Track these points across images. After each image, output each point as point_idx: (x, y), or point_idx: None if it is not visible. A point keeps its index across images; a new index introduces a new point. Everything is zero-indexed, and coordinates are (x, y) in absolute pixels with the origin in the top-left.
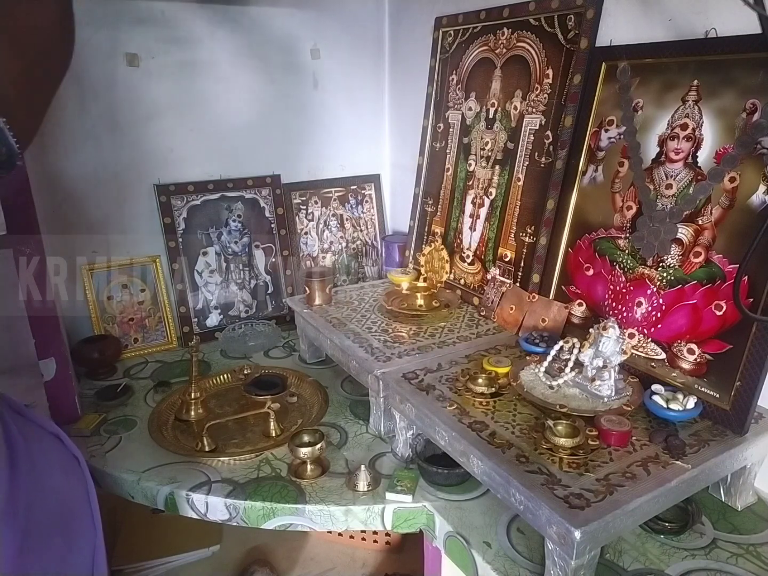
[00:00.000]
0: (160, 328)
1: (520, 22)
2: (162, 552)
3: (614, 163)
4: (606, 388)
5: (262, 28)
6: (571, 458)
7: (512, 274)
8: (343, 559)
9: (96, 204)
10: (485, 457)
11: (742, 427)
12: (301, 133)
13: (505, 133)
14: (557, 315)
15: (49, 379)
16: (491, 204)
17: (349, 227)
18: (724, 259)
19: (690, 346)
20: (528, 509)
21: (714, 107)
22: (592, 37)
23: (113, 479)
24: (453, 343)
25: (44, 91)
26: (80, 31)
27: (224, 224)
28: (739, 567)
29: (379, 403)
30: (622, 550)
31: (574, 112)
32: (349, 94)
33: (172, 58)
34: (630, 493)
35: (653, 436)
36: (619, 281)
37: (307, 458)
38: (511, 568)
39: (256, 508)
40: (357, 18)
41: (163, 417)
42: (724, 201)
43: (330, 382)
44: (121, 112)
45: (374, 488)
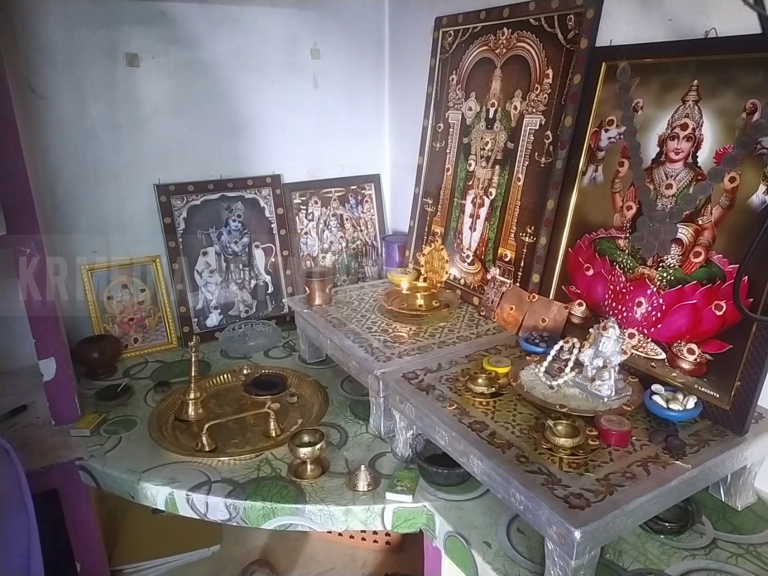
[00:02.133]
0: (160, 328)
1: (520, 22)
2: (162, 552)
3: (614, 163)
4: (606, 388)
5: (262, 28)
6: (571, 458)
7: (512, 274)
8: (343, 559)
9: (96, 204)
10: (485, 457)
11: (742, 427)
12: (301, 133)
13: (505, 133)
14: (557, 315)
15: (49, 379)
16: (491, 204)
17: (349, 227)
18: (724, 259)
19: (690, 346)
20: (528, 509)
21: (714, 107)
22: (592, 37)
23: (113, 479)
24: (453, 343)
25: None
26: (80, 31)
27: (224, 224)
28: (739, 567)
29: (379, 403)
30: (622, 550)
31: (574, 112)
32: (349, 94)
33: (172, 58)
34: (630, 493)
35: (653, 436)
36: (619, 281)
37: (307, 458)
38: (511, 568)
39: (256, 508)
40: (357, 18)
41: (163, 417)
42: (724, 201)
43: (330, 382)
44: (121, 112)
45: (374, 488)
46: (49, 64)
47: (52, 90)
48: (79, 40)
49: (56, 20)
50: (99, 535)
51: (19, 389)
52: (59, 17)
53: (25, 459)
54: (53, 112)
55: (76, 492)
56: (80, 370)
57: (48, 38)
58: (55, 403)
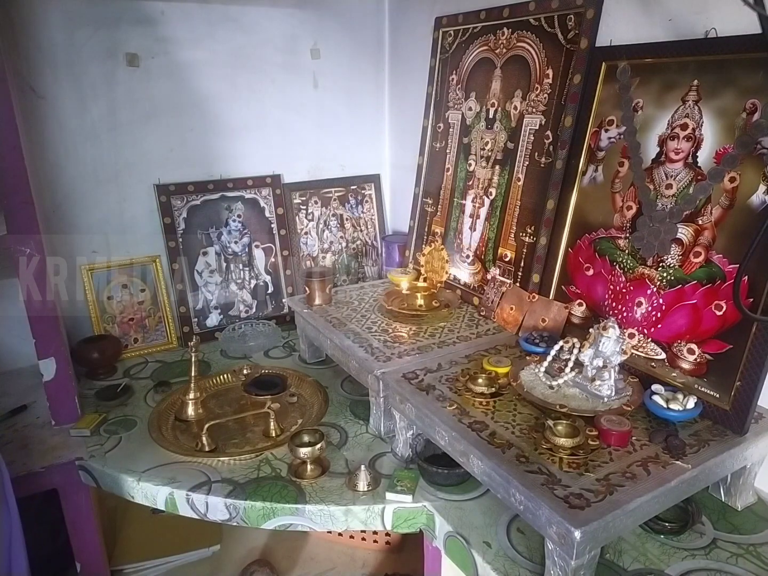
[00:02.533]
0: (160, 328)
1: (520, 22)
2: (162, 552)
3: (614, 163)
4: (606, 388)
5: (262, 28)
6: (571, 458)
7: (512, 274)
8: (343, 559)
9: (96, 204)
10: (485, 457)
11: (742, 427)
12: (301, 133)
13: (505, 133)
14: (557, 315)
15: (49, 379)
16: (491, 204)
17: (349, 227)
18: (724, 259)
19: (690, 346)
20: (528, 509)
21: (714, 107)
22: (592, 37)
23: (113, 479)
24: (453, 343)
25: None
26: (80, 31)
27: (224, 224)
28: (739, 567)
29: (379, 403)
30: (622, 550)
31: (574, 112)
32: (349, 94)
33: (172, 58)
34: (630, 493)
35: (653, 436)
36: (619, 281)
37: (307, 458)
38: (511, 568)
39: (256, 508)
40: (357, 18)
41: (163, 417)
42: (724, 201)
43: (330, 382)
44: (121, 112)
45: (374, 488)
46: (49, 64)
47: (52, 90)
48: (79, 40)
49: (56, 20)
50: (99, 535)
51: (19, 389)
52: (59, 17)
53: (25, 459)
54: (53, 112)
55: (76, 492)
56: (80, 370)
57: (48, 38)
58: (55, 403)
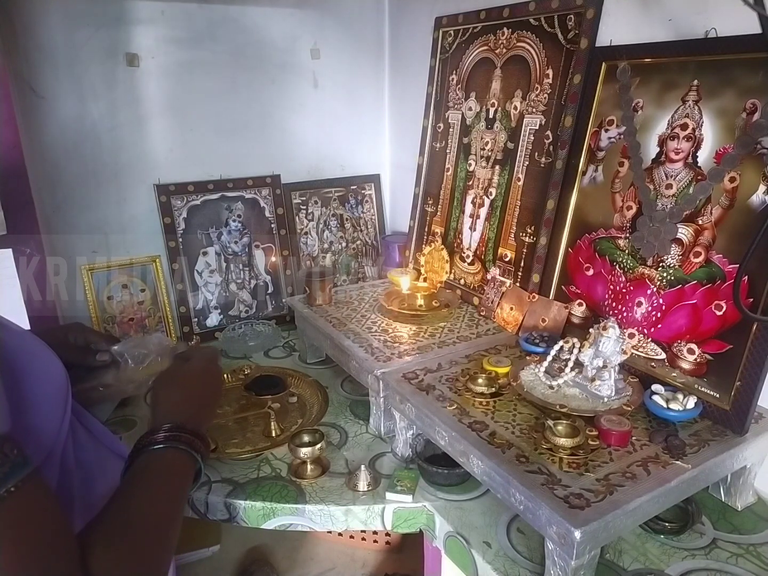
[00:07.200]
0: (160, 328)
1: (520, 22)
2: None
3: (614, 163)
4: (606, 388)
5: (262, 27)
6: (571, 458)
7: (512, 274)
8: (343, 559)
9: (96, 204)
10: (485, 457)
11: (742, 427)
12: (301, 133)
13: (505, 133)
14: (557, 315)
15: None
16: (491, 204)
17: (349, 227)
18: (724, 259)
19: (690, 346)
20: (528, 509)
21: (714, 107)
22: (592, 37)
23: None
24: (453, 343)
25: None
26: (80, 31)
27: (224, 224)
28: (739, 567)
29: (379, 403)
30: (622, 550)
31: (574, 112)
32: (349, 94)
33: (172, 58)
34: (630, 493)
35: (653, 436)
36: (619, 281)
37: (307, 458)
38: (511, 568)
39: (256, 508)
40: (357, 18)
41: None
42: (724, 201)
43: (330, 382)
44: (121, 112)
45: (374, 488)
46: (49, 64)
47: (52, 90)
48: (79, 40)
49: (56, 20)
50: None
51: None
52: (59, 17)
53: None
54: (53, 112)
55: None
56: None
57: (48, 38)
58: None
